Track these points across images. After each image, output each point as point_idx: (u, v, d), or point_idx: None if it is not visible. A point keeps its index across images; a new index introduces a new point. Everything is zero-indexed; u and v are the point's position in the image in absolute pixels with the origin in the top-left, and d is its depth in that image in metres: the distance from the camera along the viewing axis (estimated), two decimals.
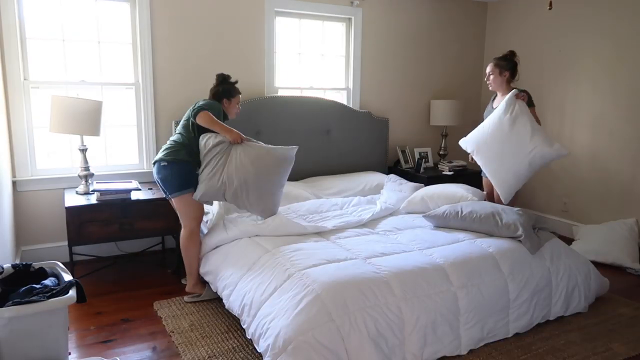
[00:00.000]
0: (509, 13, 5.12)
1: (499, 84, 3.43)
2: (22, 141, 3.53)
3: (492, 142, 3.27)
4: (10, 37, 3.38)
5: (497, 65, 3.41)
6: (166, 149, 3.04)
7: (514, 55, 3.40)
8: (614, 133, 4.24)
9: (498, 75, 3.41)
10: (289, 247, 2.77)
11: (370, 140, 4.69)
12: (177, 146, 3.02)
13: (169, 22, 3.86)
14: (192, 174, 3.02)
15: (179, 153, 2.99)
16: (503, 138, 3.22)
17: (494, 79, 3.44)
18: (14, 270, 2.32)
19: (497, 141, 3.25)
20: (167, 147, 3.05)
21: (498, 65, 3.41)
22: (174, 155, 2.99)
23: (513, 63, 3.39)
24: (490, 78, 3.47)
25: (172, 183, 3.00)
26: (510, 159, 3.21)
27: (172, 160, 2.98)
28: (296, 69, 4.53)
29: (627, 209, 4.17)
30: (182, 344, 2.61)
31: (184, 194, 2.99)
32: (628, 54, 4.07)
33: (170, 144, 3.06)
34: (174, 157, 2.98)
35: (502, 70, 3.40)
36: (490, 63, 3.48)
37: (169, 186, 3.01)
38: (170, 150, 3.01)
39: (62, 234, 3.65)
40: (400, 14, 4.84)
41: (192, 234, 3.06)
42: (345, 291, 2.30)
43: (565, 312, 2.94)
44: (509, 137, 3.20)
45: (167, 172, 2.99)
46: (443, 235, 3.03)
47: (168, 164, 2.98)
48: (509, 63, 3.39)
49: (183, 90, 3.97)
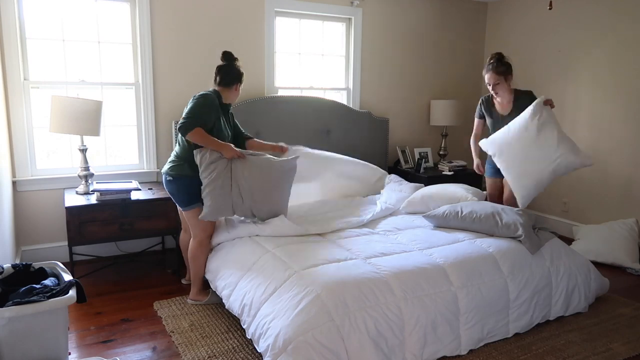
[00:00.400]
0: (509, 13, 5.12)
1: (507, 90, 3.31)
2: (22, 141, 3.53)
3: (516, 146, 3.14)
4: (10, 37, 3.38)
5: (500, 72, 3.26)
6: (171, 161, 3.01)
7: (504, 57, 3.31)
8: (614, 133, 4.24)
9: (504, 82, 3.28)
10: (289, 247, 2.77)
11: (370, 140, 4.69)
12: (179, 161, 2.97)
13: (169, 22, 3.86)
14: (198, 187, 2.92)
15: (182, 168, 2.94)
16: (528, 143, 3.10)
17: (501, 87, 3.29)
18: (14, 270, 2.32)
19: (522, 146, 3.13)
20: (172, 160, 3.01)
21: (501, 73, 3.26)
22: (178, 170, 2.94)
23: (509, 65, 3.29)
24: (497, 87, 3.30)
25: (179, 198, 3.00)
26: (535, 164, 3.10)
27: (176, 176, 2.94)
28: (296, 69, 4.53)
29: (627, 209, 4.17)
30: (182, 344, 2.61)
31: (193, 209, 2.97)
32: (628, 54, 4.07)
33: (174, 157, 3.01)
34: (178, 173, 2.94)
35: (506, 77, 3.29)
36: (489, 72, 3.28)
37: (178, 201, 3.02)
38: (174, 165, 2.97)
39: (62, 234, 3.65)
40: (400, 14, 4.84)
41: (202, 245, 3.04)
42: (345, 291, 2.30)
43: (565, 312, 2.94)
44: (534, 142, 3.09)
45: (173, 188, 2.98)
46: (443, 235, 3.03)
47: (173, 179, 2.96)
48: (508, 67, 3.29)
49: (183, 90, 3.97)
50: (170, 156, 3.07)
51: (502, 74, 3.26)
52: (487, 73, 3.31)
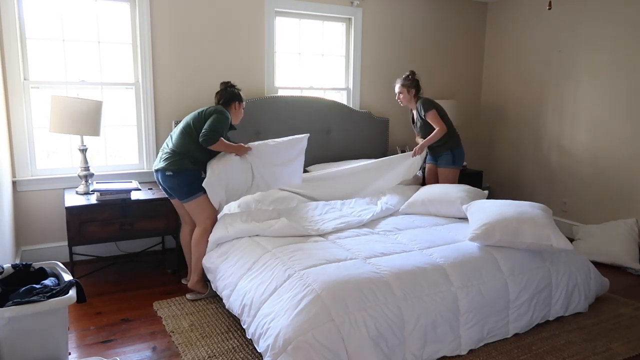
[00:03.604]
0: (509, 13, 5.12)
1: (409, 100, 4.03)
2: (22, 141, 3.53)
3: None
4: (10, 37, 3.38)
5: (404, 85, 3.99)
6: (167, 158, 3.05)
7: (414, 75, 4.01)
8: (613, 133, 4.24)
9: (407, 94, 4.00)
10: (289, 247, 2.77)
11: (370, 140, 4.69)
12: (177, 156, 3.03)
13: (169, 22, 3.86)
14: (198, 178, 3.07)
15: (182, 162, 3.02)
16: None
17: (404, 97, 4.02)
18: (14, 270, 2.32)
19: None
20: (167, 156, 3.06)
21: (405, 86, 3.99)
22: (179, 165, 3.01)
23: (416, 81, 4.00)
24: (401, 97, 4.03)
25: (181, 191, 3.05)
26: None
27: (177, 170, 3.01)
28: (296, 69, 4.53)
29: (627, 209, 4.17)
30: (182, 344, 2.61)
31: (196, 198, 3.06)
32: (628, 54, 4.07)
33: (170, 154, 3.06)
34: (179, 167, 3.01)
35: (409, 89, 3.99)
36: (397, 84, 4.02)
37: (179, 194, 3.08)
38: (172, 160, 3.03)
39: (62, 234, 3.65)
40: (400, 14, 4.84)
41: (206, 232, 3.12)
42: (345, 291, 2.30)
43: (565, 312, 2.94)
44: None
45: (174, 182, 3.04)
46: (443, 235, 3.03)
47: (174, 173, 3.01)
48: (412, 82, 3.98)
49: (183, 90, 3.98)
50: (161, 153, 3.12)
51: (405, 87, 4.01)
52: (396, 84, 4.06)
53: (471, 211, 3.09)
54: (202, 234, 3.12)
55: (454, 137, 4.06)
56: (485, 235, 2.81)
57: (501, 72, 5.26)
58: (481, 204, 3.11)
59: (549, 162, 4.83)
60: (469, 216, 3.09)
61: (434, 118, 3.92)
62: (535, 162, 4.93)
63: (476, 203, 3.17)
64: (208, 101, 4.08)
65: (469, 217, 3.07)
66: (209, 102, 4.08)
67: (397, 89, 4.04)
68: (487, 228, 2.82)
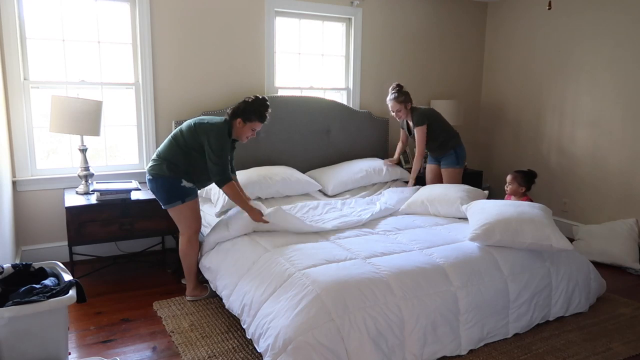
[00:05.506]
0: (509, 13, 5.12)
1: (406, 114, 4.04)
2: (22, 141, 3.53)
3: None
4: (10, 37, 3.38)
5: (399, 101, 3.95)
6: (152, 160, 3.08)
7: (402, 87, 3.97)
8: (613, 133, 4.24)
9: (404, 109, 3.99)
10: (289, 247, 2.77)
11: (370, 140, 4.69)
12: (158, 160, 3.03)
13: (169, 22, 3.86)
14: (176, 186, 2.99)
15: (160, 168, 2.99)
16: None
17: (403, 113, 4.01)
18: (14, 270, 2.32)
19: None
20: (153, 158, 3.08)
21: (401, 102, 3.95)
22: (157, 170, 3.00)
23: (407, 94, 3.97)
24: (400, 114, 4.01)
25: (159, 196, 3.06)
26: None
27: (155, 175, 3.01)
28: (296, 69, 4.53)
29: (627, 209, 4.17)
30: (182, 344, 2.61)
31: (174, 206, 3.02)
32: (628, 54, 4.07)
33: (155, 156, 3.07)
34: (157, 172, 3.00)
35: (406, 104, 3.97)
36: (391, 101, 3.97)
37: (159, 199, 3.08)
38: (154, 164, 3.03)
39: (62, 234, 3.65)
40: (400, 14, 4.84)
41: (190, 241, 3.09)
42: (345, 291, 2.30)
43: (565, 313, 2.94)
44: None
45: (153, 186, 3.04)
46: (443, 235, 3.03)
47: (152, 178, 3.02)
48: (406, 96, 3.96)
49: (183, 90, 3.98)
50: (153, 154, 3.12)
51: (402, 102, 3.96)
52: (390, 102, 3.99)
53: (471, 211, 3.09)
54: (186, 243, 3.09)
55: (455, 137, 4.06)
56: (485, 235, 2.81)
57: (501, 72, 5.26)
58: (481, 204, 3.11)
59: (549, 162, 4.83)
60: (468, 216, 3.09)
61: (419, 134, 3.97)
62: (535, 162, 4.93)
63: (476, 203, 3.17)
64: (208, 101, 4.08)
65: (469, 217, 3.07)
66: (209, 102, 4.09)
67: (394, 107, 3.98)
68: (487, 228, 2.82)
